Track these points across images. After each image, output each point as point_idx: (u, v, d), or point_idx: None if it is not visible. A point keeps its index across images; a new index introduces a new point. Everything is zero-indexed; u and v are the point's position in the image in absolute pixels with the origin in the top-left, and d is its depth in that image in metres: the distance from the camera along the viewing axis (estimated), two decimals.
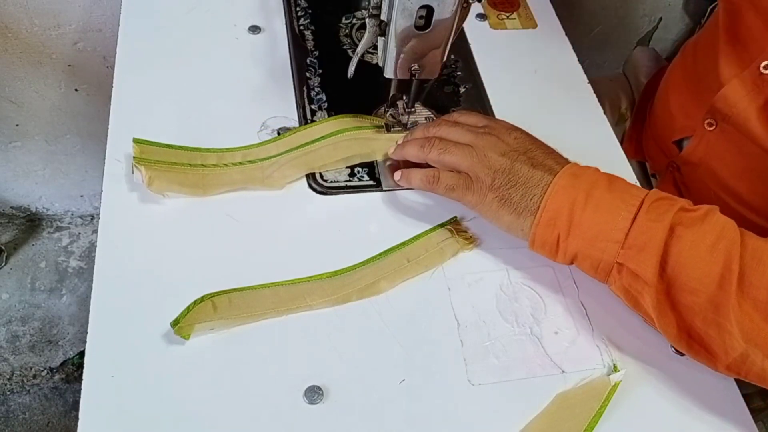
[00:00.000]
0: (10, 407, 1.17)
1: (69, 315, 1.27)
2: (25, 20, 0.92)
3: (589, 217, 0.45)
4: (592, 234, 0.45)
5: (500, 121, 0.53)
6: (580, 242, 0.45)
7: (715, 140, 0.60)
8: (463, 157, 0.50)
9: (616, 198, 0.45)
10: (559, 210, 0.46)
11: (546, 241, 0.47)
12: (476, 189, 0.49)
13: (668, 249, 0.43)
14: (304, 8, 0.71)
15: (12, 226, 1.35)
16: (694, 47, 0.68)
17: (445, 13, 0.48)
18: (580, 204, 0.45)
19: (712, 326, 0.42)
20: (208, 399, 0.44)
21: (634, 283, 0.45)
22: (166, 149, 0.54)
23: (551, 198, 0.46)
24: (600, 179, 0.47)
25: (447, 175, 0.51)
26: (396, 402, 0.45)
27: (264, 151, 0.56)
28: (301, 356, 0.47)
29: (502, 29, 0.72)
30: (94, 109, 1.11)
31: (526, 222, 0.47)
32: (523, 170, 0.48)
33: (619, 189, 0.46)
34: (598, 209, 0.45)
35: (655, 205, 0.45)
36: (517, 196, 0.47)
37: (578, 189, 0.46)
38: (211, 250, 0.51)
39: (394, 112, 0.60)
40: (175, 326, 0.45)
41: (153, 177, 0.51)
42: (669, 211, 0.44)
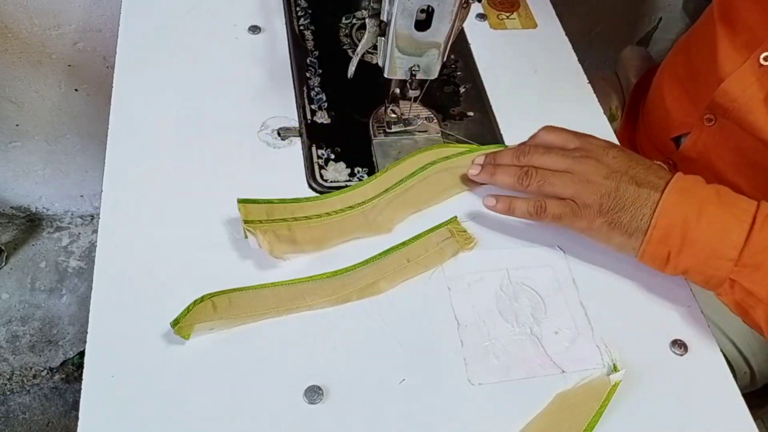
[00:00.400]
0: (10, 407, 1.17)
1: (69, 315, 1.27)
2: (25, 20, 0.92)
3: (702, 235, 0.45)
4: (706, 252, 0.45)
5: (592, 139, 0.52)
6: (692, 259, 0.46)
7: (713, 136, 0.60)
8: (566, 185, 0.49)
9: (727, 213, 0.45)
10: (670, 228, 0.46)
11: (656, 257, 0.47)
12: (584, 215, 0.49)
13: None
14: (304, 8, 0.71)
15: (12, 226, 1.35)
16: (688, 43, 0.68)
17: (445, 13, 0.48)
18: (692, 221, 0.45)
19: None
20: (208, 399, 0.44)
21: (746, 298, 0.45)
22: (269, 205, 0.52)
23: (662, 216, 0.46)
24: (710, 193, 0.47)
25: (553, 204, 0.50)
26: (396, 402, 0.45)
27: (361, 195, 0.54)
28: (301, 356, 0.47)
29: (502, 29, 0.72)
30: (94, 109, 1.11)
31: (637, 242, 0.48)
32: (629, 191, 0.48)
33: (730, 203, 0.46)
34: (711, 226, 0.45)
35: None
36: (627, 218, 0.47)
37: (689, 205, 0.46)
38: (211, 250, 0.51)
39: (395, 108, 0.60)
40: (175, 326, 0.45)
41: (272, 242, 0.49)
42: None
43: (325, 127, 0.60)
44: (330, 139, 0.59)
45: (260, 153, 0.58)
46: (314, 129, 0.60)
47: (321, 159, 0.58)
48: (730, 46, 0.57)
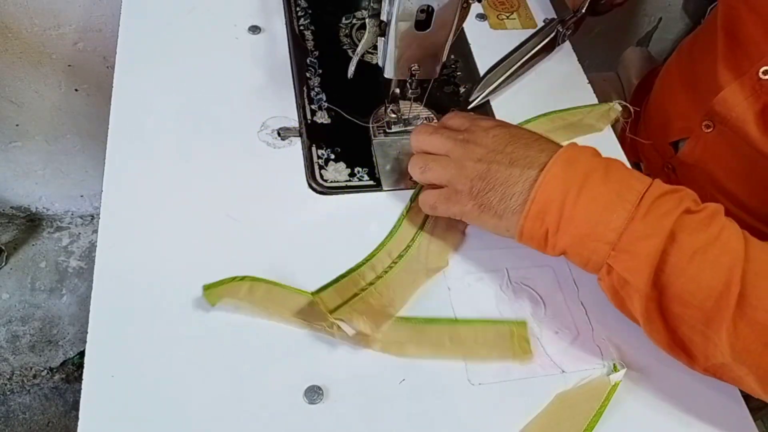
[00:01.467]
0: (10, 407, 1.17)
1: (69, 315, 1.27)
2: (25, 20, 0.92)
3: (581, 213, 0.42)
4: (583, 232, 0.42)
5: (481, 121, 0.51)
6: (569, 239, 0.43)
7: (712, 142, 0.60)
8: (442, 170, 0.49)
9: (612, 191, 0.42)
10: (549, 202, 0.43)
11: (534, 235, 0.45)
12: (456, 200, 0.48)
13: (665, 258, 0.40)
14: (304, 8, 0.71)
15: (12, 226, 1.35)
16: (691, 48, 0.68)
17: (445, 13, 0.48)
18: (572, 196, 0.42)
19: (699, 335, 0.41)
20: (208, 399, 0.44)
21: (623, 286, 0.42)
22: (335, 287, 0.49)
23: (541, 188, 0.43)
24: (597, 167, 0.43)
25: (426, 194, 0.50)
26: (396, 402, 0.45)
27: (402, 241, 0.53)
28: (301, 356, 0.47)
29: (502, 29, 0.72)
30: (94, 109, 1.11)
31: (509, 222, 0.45)
32: (501, 171, 0.45)
33: (617, 180, 0.42)
34: (592, 203, 0.41)
35: (657, 204, 0.41)
36: (496, 199, 0.45)
37: (572, 179, 0.42)
38: (211, 250, 0.51)
39: (395, 108, 0.60)
40: (206, 290, 0.46)
41: (364, 321, 0.46)
42: (672, 212, 0.41)
43: (325, 127, 0.60)
44: (330, 139, 0.59)
45: (260, 153, 0.58)
46: (314, 129, 0.60)
47: (321, 159, 0.58)
48: (731, 56, 0.58)
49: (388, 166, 0.58)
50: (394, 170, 0.58)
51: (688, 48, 0.70)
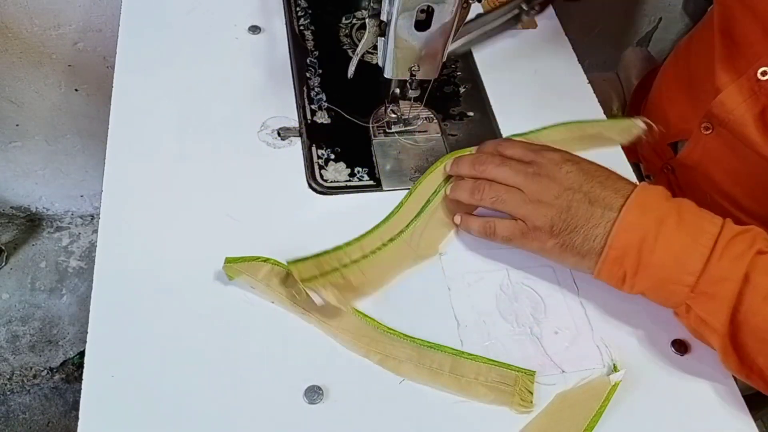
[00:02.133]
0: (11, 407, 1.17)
1: (69, 315, 1.27)
2: (25, 20, 0.92)
3: (658, 259, 0.43)
4: (662, 276, 0.44)
5: (547, 153, 0.50)
6: (647, 282, 0.44)
7: (711, 144, 0.60)
8: (517, 205, 0.48)
9: (687, 235, 0.43)
10: (626, 248, 0.44)
11: (612, 276, 0.46)
12: (535, 237, 0.48)
13: (741, 299, 0.41)
14: (304, 8, 0.71)
15: (12, 226, 1.35)
16: (688, 49, 0.68)
17: (445, 13, 0.48)
18: (649, 243, 0.43)
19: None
20: (208, 399, 0.44)
21: (701, 325, 0.44)
22: (316, 260, 0.50)
23: (617, 236, 0.44)
24: (670, 211, 0.44)
25: (503, 225, 0.49)
26: (396, 402, 0.45)
27: (396, 225, 0.54)
28: (301, 356, 0.47)
29: None
30: (94, 109, 1.11)
31: (591, 262, 0.46)
32: (581, 211, 0.46)
33: (691, 223, 0.44)
34: (669, 249, 0.43)
35: (730, 246, 0.42)
36: (579, 239, 0.46)
37: (647, 224, 0.44)
38: (211, 250, 0.51)
39: (395, 108, 0.60)
40: (227, 263, 0.47)
41: (334, 294, 0.47)
42: (745, 255, 0.42)
43: (325, 127, 0.60)
44: (330, 139, 0.59)
45: (260, 153, 0.58)
46: (314, 129, 0.60)
47: (321, 159, 0.58)
48: (728, 58, 0.57)
49: (388, 166, 0.58)
50: (394, 170, 0.58)
51: (684, 49, 0.69)
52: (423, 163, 0.58)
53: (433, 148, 0.60)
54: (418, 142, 0.60)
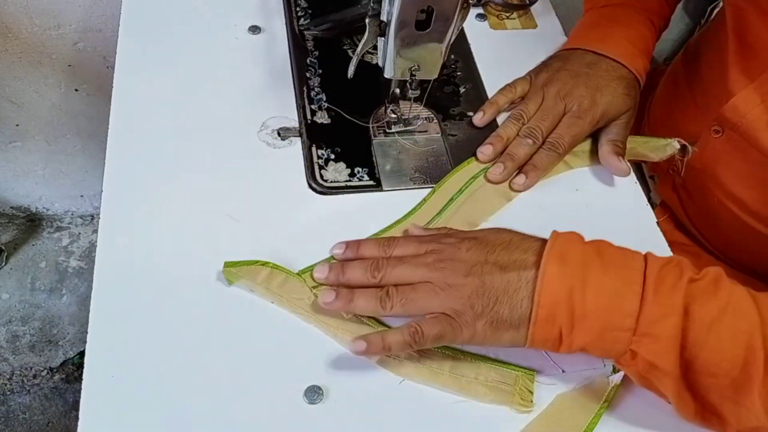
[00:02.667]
0: (11, 407, 1.17)
1: (69, 315, 1.27)
2: (25, 20, 0.92)
3: (592, 306, 0.40)
4: (600, 325, 0.41)
5: (443, 237, 0.47)
6: (586, 335, 0.41)
7: (720, 147, 0.59)
8: (429, 299, 0.44)
9: (615, 278, 0.41)
10: (555, 303, 0.41)
11: (547, 339, 0.42)
12: (463, 323, 0.43)
13: (686, 335, 0.39)
14: (304, 8, 0.71)
15: (12, 226, 1.35)
16: (697, 50, 0.67)
17: (445, 13, 0.48)
18: (578, 292, 0.40)
19: (729, 402, 0.40)
20: (208, 399, 0.44)
21: (650, 370, 0.41)
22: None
23: (543, 292, 0.41)
24: (590, 254, 0.42)
25: (428, 324, 0.44)
26: (396, 402, 0.45)
27: (419, 220, 0.54)
28: (301, 356, 0.47)
29: (502, 29, 0.72)
30: (94, 109, 1.11)
31: (525, 329, 0.42)
32: (496, 280, 0.43)
33: (616, 265, 0.42)
34: (600, 294, 0.40)
35: (661, 278, 0.41)
36: (505, 310, 0.42)
37: (571, 274, 0.41)
38: (211, 250, 0.51)
39: (395, 108, 0.60)
40: (226, 267, 0.47)
41: None
42: (678, 287, 0.40)
43: (325, 127, 0.60)
44: (330, 139, 0.59)
45: (260, 153, 0.58)
46: (314, 129, 0.60)
47: (321, 159, 0.58)
48: (742, 61, 0.57)
49: (388, 166, 0.58)
50: (394, 170, 0.58)
51: (694, 50, 0.69)
52: (423, 163, 0.58)
53: (434, 148, 0.60)
54: (418, 142, 0.60)
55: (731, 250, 0.65)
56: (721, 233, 0.64)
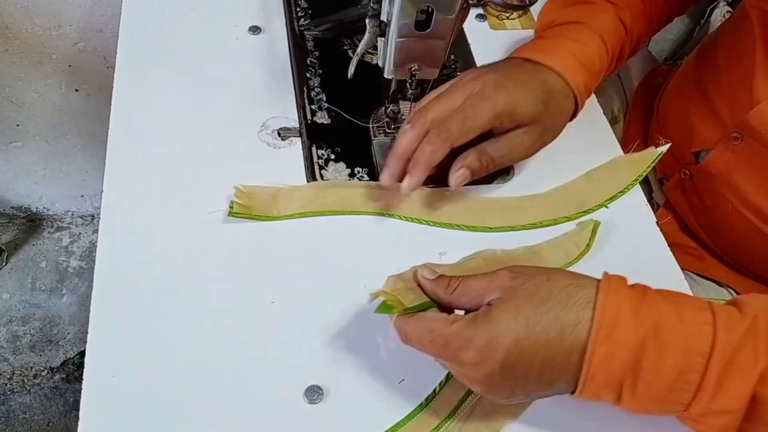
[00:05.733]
0: (11, 407, 1.17)
1: (69, 315, 1.27)
2: (25, 20, 0.92)
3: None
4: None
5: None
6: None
7: (739, 154, 0.58)
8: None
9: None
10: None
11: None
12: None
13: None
14: (304, 8, 0.71)
15: (12, 226, 1.35)
16: (713, 53, 0.65)
17: (445, 13, 0.48)
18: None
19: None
20: (208, 399, 0.44)
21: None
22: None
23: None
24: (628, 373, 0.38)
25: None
26: (396, 402, 0.45)
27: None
28: (301, 356, 0.47)
29: (502, 29, 0.72)
30: (94, 109, 1.11)
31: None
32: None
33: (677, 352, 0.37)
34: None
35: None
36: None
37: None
38: (211, 249, 0.51)
39: (395, 108, 0.60)
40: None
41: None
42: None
43: (325, 127, 0.60)
44: (330, 139, 0.59)
45: (260, 153, 0.58)
46: (314, 129, 0.60)
47: (321, 159, 0.58)
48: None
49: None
50: None
51: (710, 53, 0.66)
52: None
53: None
54: None
55: (742, 256, 0.64)
56: (733, 239, 0.63)
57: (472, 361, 0.38)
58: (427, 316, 0.41)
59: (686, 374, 0.37)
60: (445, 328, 0.39)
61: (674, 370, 0.37)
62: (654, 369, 0.37)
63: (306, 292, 0.50)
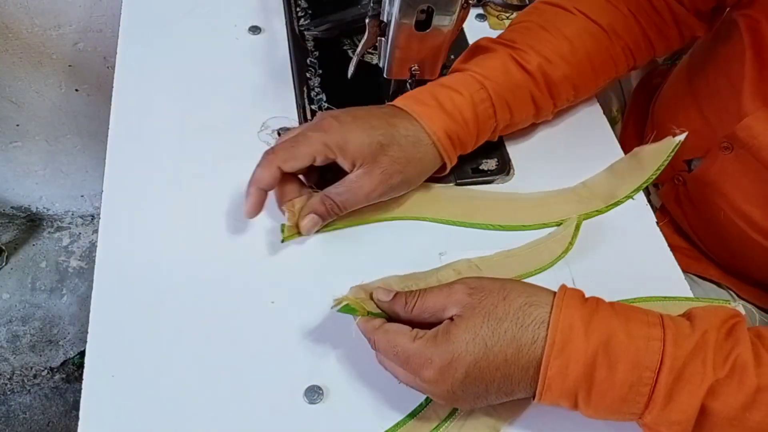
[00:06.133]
0: (11, 407, 1.17)
1: (69, 315, 1.27)
2: (25, 20, 0.92)
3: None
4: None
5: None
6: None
7: (729, 164, 0.58)
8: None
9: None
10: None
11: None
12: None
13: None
14: (304, 8, 0.71)
15: (12, 226, 1.35)
16: (703, 61, 0.65)
17: (445, 13, 0.48)
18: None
19: None
20: (208, 399, 0.44)
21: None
22: None
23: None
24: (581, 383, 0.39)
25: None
26: (396, 402, 0.45)
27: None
28: (301, 356, 0.47)
29: (502, 29, 0.72)
30: (94, 109, 1.11)
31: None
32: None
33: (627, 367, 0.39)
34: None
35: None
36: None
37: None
38: (212, 249, 0.51)
39: None
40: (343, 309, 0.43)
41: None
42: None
43: None
44: None
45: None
46: None
47: None
48: (759, 82, 0.55)
49: None
50: None
51: (700, 61, 0.66)
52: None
53: None
54: None
55: (735, 261, 0.64)
56: (726, 245, 0.63)
57: (432, 379, 0.40)
58: (391, 329, 0.42)
59: (637, 387, 0.38)
60: (408, 344, 0.41)
61: (625, 383, 0.38)
62: (606, 382, 0.38)
63: (306, 292, 0.50)
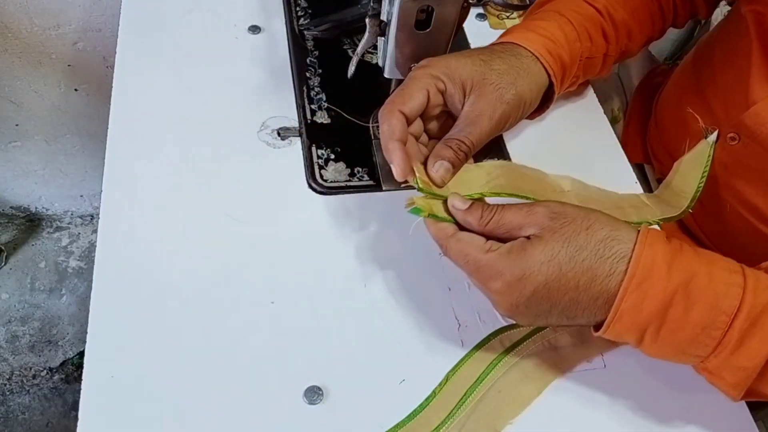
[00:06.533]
0: (10, 407, 1.17)
1: (69, 315, 1.27)
2: (25, 20, 0.92)
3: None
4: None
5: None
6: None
7: (736, 155, 0.58)
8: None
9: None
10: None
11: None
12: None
13: None
14: (304, 8, 0.71)
15: (12, 226, 1.35)
16: (710, 53, 0.65)
17: (445, 13, 0.48)
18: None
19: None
20: (207, 399, 0.44)
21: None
22: None
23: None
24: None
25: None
26: (396, 402, 0.45)
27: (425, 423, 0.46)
28: (301, 356, 0.47)
29: (502, 29, 0.72)
30: (94, 109, 1.11)
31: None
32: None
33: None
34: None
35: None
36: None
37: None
38: (211, 249, 0.51)
39: None
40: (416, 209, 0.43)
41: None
42: None
43: (325, 127, 0.60)
44: (330, 139, 0.59)
45: (260, 153, 0.58)
46: (314, 129, 0.60)
47: (321, 159, 0.58)
48: (767, 70, 0.55)
49: (388, 166, 0.58)
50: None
51: (706, 53, 0.66)
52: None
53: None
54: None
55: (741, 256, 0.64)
56: (732, 239, 0.63)
57: (499, 291, 0.41)
58: (464, 239, 0.42)
59: (709, 330, 0.39)
60: (480, 255, 0.41)
61: (698, 324, 0.39)
62: (679, 321, 0.39)
63: (306, 292, 0.50)
